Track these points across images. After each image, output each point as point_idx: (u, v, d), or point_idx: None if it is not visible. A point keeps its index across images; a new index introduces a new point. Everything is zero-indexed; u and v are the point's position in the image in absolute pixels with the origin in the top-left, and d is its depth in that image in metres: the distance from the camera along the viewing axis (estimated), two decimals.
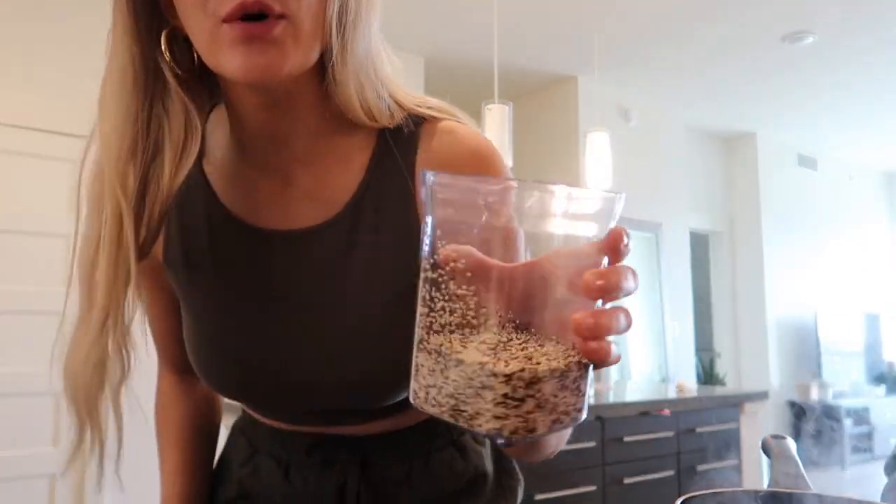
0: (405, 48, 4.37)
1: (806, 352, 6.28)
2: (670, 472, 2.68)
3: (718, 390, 3.21)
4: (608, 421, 2.52)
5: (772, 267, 6.13)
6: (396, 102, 0.64)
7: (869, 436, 6.18)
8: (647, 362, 5.00)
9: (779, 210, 6.30)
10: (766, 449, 0.53)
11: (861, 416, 6.18)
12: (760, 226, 6.13)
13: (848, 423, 5.96)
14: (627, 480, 2.55)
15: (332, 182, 0.63)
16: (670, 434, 2.70)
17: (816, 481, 0.50)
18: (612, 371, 4.73)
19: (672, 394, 2.92)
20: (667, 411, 2.68)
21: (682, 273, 5.36)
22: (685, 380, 3.47)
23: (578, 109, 4.76)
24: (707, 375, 5.97)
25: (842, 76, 4.82)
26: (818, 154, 6.75)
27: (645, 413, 2.64)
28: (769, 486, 0.49)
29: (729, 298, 6.27)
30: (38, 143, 2.99)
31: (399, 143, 0.64)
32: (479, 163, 0.63)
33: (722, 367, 6.10)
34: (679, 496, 0.46)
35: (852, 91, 5.12)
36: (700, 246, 6.28)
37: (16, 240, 2.91)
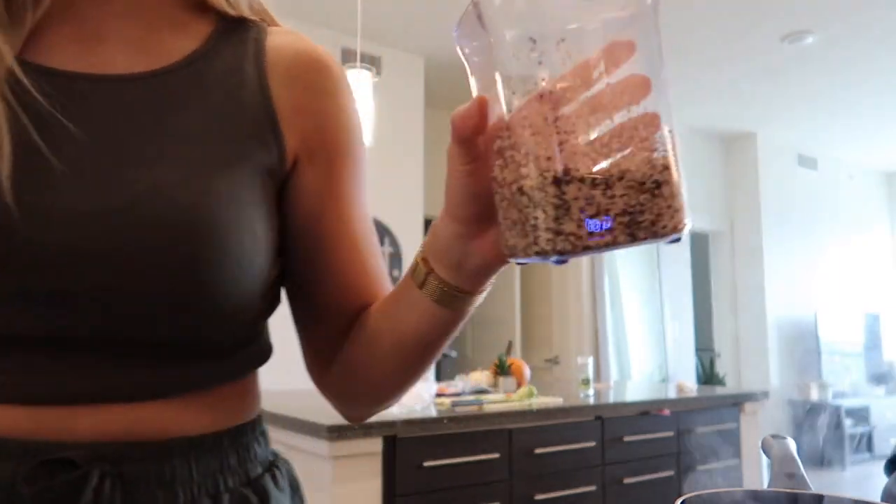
0: (405, 48, 4.37)
1: (806, 352, 6.29)
2: (670, 472, 2.68)
3: (718, 390, 3.22)
4: (608, 421, 2.52)
5: (772, 267, 6.13)
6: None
7: (869, 436, 6.18)
8: (646, 362, 5.00)
9: (779, 210, 6.30)
10: (766, 449, 0.53)
11: (861, 416, 6.19)
12: (760, 226, 6.14)
13: (848, 423, 5.96)
14: (627, 480, 2.55)
15: (160, 40, 0.56)
16: (670, 434, 2.70)
17: (816, 481, 0.50)
18: (612, 371, 4.74)
19: (672, 394, 2.92)
20: (667, 411, 2.68)
21: (682, 273, 5.37)
22: (685, 380, 3.47)
23: None
24: (707, 375, 5.97)
25: (842, 76, 4.83)
26: (818, 154, 6.76)
27: (645, 413, 2.64)
28: (769, 486, 0.49)
29: (729, 298, 6.27)
30: None
31: (247, 29, 0.60)
32: (326, 65, 0.61)
33: (722, 367, 6.11)
34: (679, 496, 0.46)
35: (852, 91, 5.12)
36: (700, 246, 6.28)
37: None
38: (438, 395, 2.39)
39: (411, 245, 4.34)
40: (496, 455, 2.20)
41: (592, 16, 0.36)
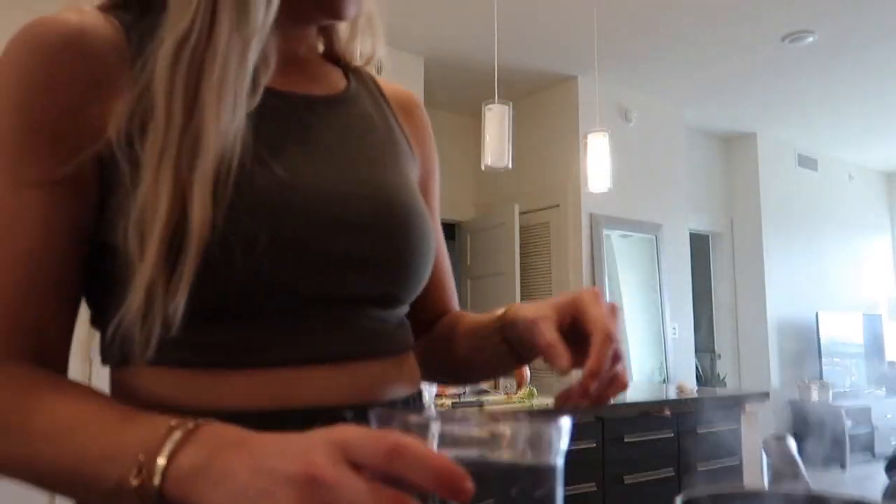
0: (405, 48, 4.36)
1: (806, 352, 6.28)
2: (670, 472, 2.68)
3: (719, 391, 3.21)
4: (608, 421, 2.52)
5: (772, 267, 6.13)
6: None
7: (869, 436, 6.18)
8: (647, 363, 5.00)
9: (779, 210, 6.30)
10: (766, 449, 0.53)
11: (861, 417, 6.18)
12: (760, 226, 6.13)
13: (848, 423, 5.95)
14: (627, 480, 2.55)
15: (324, 74, 0.70)
16: (670, 434, 2.70)
17: (816, 481, 0.50)
18: None
19: (672, 394, 2.92)
20: (667, 412, 2.67)
21: (682, 274, 5.36)
22: (685, 380, 3.46)
23: (578, 109, 4.76)
24: (707, 376, 5.97)
25: (842, 76, 4.83)
26: (818, 154, 6.76)
27: (645, 413, 2.64)
28: (769, 486, 0.49)
29: (729, 298, 6.26)
30: None
31: (362, 73, 0.75)
32: (421, 105, 0.80)
33: (722, 368, 6.10)
34: (679, 496, 0.46)
35: (852, 91, 5.12)
36: (700, 246, 6.28)
37: None
38: (438, 395, 2.39)
39: None
40: None
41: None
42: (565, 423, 0.36)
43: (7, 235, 0.51)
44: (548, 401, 2.50)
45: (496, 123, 2.95)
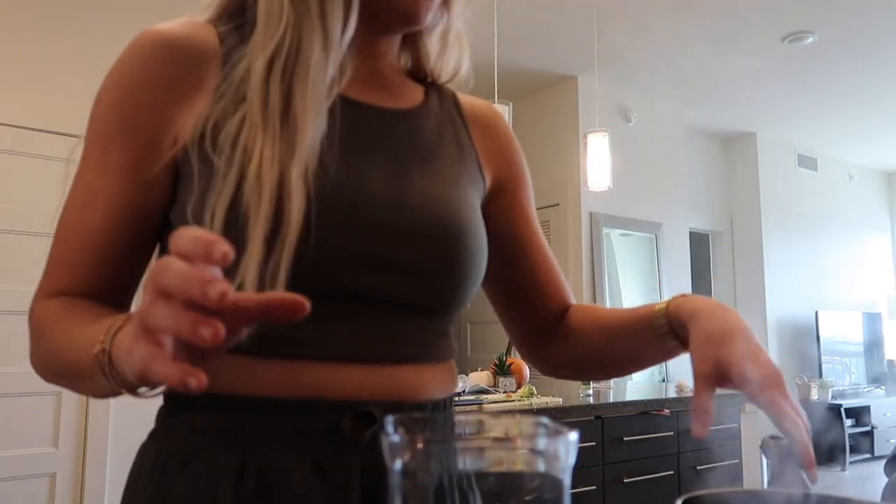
0: None
1: (806, 351, 6.29)
2: (670, 472, 2.68)
3: (718, 390, 3.21)
4: (608, 421, 2.52)
5: (771, 266, 6.13)
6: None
7: (869, 436, 6.18)
8: None
9: (779, 210, 6.30)
10: (765, 449, 0.53)
11: (861, 416, 6.18)
12: (760, 226, 6.14)
13: (848, 423, 5.96)
14: (627, 480, 2.55)
15: (402, 89, 0.75)
16: (670, 434, 2.71)
17: (816, 481, 0.50)
18: None
19: (672, 393, 2.92)
20: (666, 411, 2.68)
21: (682, 273, 5.37)
22: (685, 379, 3.46)
23: (578, 109, 4.76)
24: None
25: (842, 76, 4.83)
26: (818, 154, 6.76)
27: (644, 413, 2.64)
28: (769, 486, 0.49)
29: (728, 297, 6.27)
30: (38, 143, 2.99)
31: (442, 90, 0.79)
32: (502, 117, 0.84)
33: None
34: (679, 496, 0.46)
35: (852, 91, 5.12)
36: (700, 246, 6.28)
37: (16, 240, 2.92)
38: None
39: None
40: None
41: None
42: (573, 437, 0.36)
43: (86, 209, 0.62)
44: (546, 399, 2.51)
45: None
